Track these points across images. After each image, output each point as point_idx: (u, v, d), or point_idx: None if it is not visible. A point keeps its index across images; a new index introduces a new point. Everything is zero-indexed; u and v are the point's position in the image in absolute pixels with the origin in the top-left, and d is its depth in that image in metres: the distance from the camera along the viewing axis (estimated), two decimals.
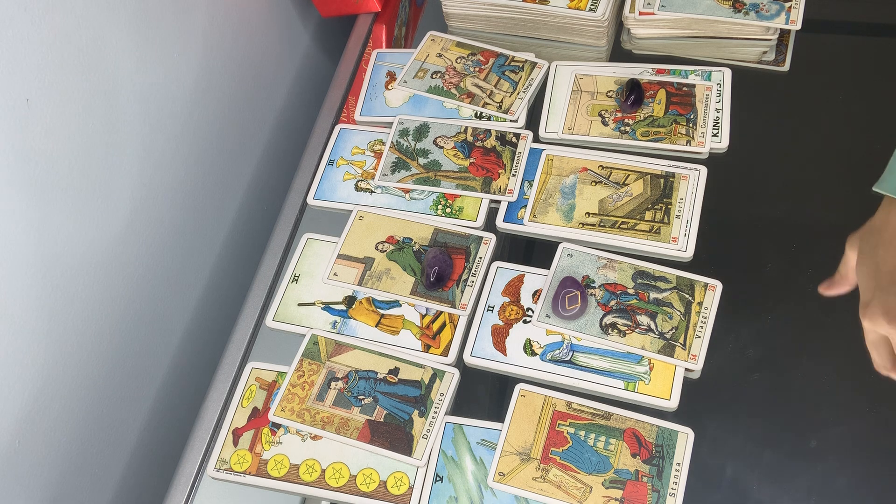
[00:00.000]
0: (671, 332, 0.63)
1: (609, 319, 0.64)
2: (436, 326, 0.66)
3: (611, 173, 0.72)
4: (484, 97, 0.78)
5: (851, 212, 0.68)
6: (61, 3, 0.61)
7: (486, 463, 0.60)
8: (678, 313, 0.64)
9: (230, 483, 0.62)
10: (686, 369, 0.62)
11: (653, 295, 0.65)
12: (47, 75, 0.60)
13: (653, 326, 0.63)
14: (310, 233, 0.73)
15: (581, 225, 0.69)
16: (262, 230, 0.82)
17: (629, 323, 0.64)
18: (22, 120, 0.58)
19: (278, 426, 0.63)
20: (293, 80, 0.96)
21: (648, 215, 0.69)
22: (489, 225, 0.71)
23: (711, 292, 0.65)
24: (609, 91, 0.77)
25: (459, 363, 0.65)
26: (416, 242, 0.70)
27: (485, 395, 0.65)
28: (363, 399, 0.63)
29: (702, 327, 0.63)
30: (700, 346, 0.62)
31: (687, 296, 0.64)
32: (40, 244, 0.62)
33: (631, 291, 0.65)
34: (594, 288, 0.65)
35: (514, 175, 0.73)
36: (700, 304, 0.64)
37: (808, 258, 0.68)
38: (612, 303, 0.65)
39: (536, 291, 0.67)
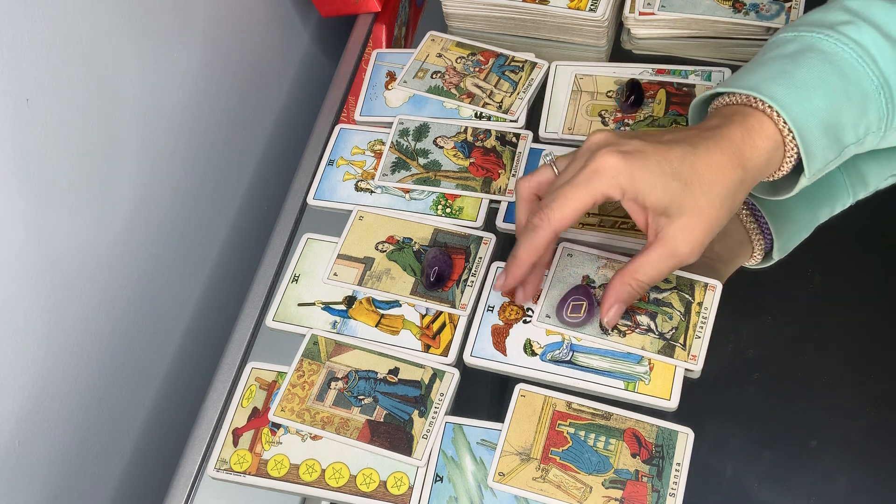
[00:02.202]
0: (671, 333, 0.63)
1: None
2: (436, 326, 0.66)
3: None
4: (484, 97, 0.78)
5: (851, 210, 0.68)
6: (61, 3, 0.61)
7: (486, 463, 0.60)
8: (678, 313, 0.64)
9: (230, 483, 0.62)
10: (686, 369, 0.62)
11: (653, 295, 0.65)
12: (47, 75, 0.60)
13: (653, 326, 0.63)
14: (310, 233, 0.73)
15: (581, 225, 0.69)
16: (262, 230, 0.82)
17: (629, 323, 0.64)
18: (22, 120, 0.58)
19: (278, 426, 0.63)
20: (293, 80, 0.96)
21: None
22: (489, 225, 0.72)
23: (711, 292, 0.64)
24: (609, 91, 0.77)
25: (459, 363, 0.65)
26: (416, 242, 0.70)
27: (485, 395, 0.65)
28: (363, 399, 0.63)
29: (702, 327, 0.63)
30: (700, 346, 0.62)
31: (687, 296, 0.64)
32: (40, 244, 0.62)
33: None
34: (594, 288, 0.65)
35: (514, 175, 0.73)
36: (700, 304, 0.64)
37: (808, 257, 0.68)
38: None
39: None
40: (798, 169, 0.62)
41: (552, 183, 0.61)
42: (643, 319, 0.64)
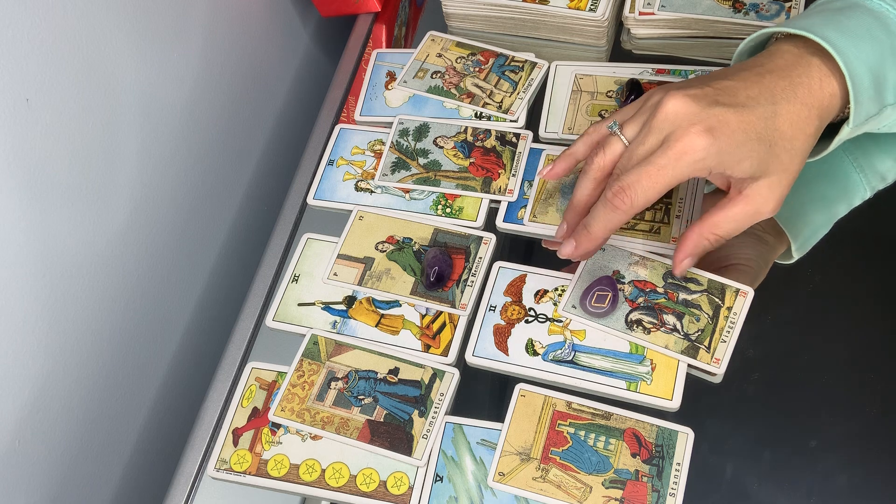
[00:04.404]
0: (697, 335, 0.63)
1: (635, 316, 0.64)
2: (436, 326, 0.66)
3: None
4: (484, 97, 0.78)
5: (850, 209, 0.68)
6: (61, 3, 0.61)
7: (486, 463, 0.60)
8: (706, 316, 0.63)
9: (230, 483, 0.62)
10: (708, 372, 0.61)
11: (682, 296, 0.64)
12: (47, 75, 0.60)
13: (678, 327, 0.63)
14: (310, 233, 0.73)
15: None
16: (262, 230, 0.82)
17: (655, 321, 0.63)
18: (22, 120, 0.58)
19: (278, 426, 0.63)
20: (293, 80, 0.96)
21: (648, 215, 0.69)
22: (489, 225, 0.71)
23: (742, 298, 0.64)
24: (609, 91, 0.77)
25: (460, 363, 0.65)
26: (416, 242, 0.70)
27: (485, 395, 0.65)
28: (363, 399, 0.63)
29: (728, 332, 0.62)
30: (725, 350, 0.62)
31: (717, 299, 0.64)
32: (40, 244, 0.62)
33: (660, 290, 0.65)
34: (623, 283, 0.65)
35: (514, 175, 0.73)
36: (729, 308, 0.63)
37: (809, 257, 0.68)
38: (640, 300, 0.64)
39: (538, 291, 0.67)
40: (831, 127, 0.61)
41: (624, 154, 0.60)
42: (670, 319, 0.63)
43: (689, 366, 0.62)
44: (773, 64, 0.59)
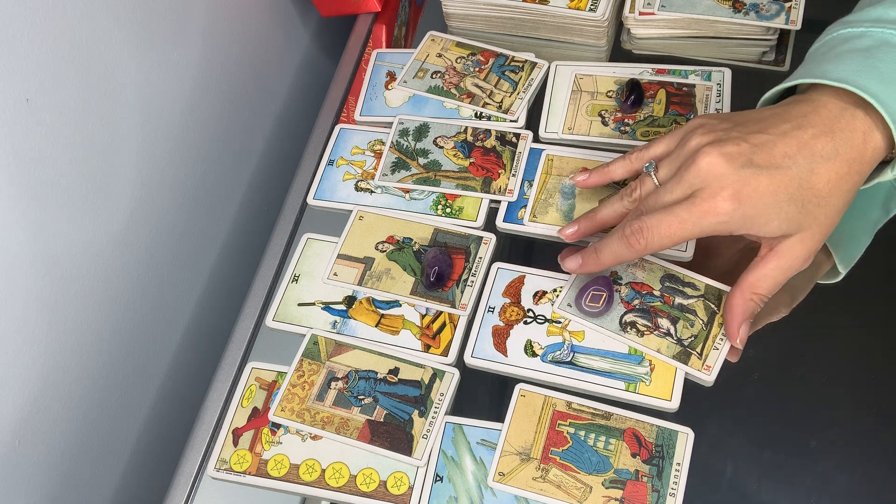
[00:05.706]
0: (689, 340, 0.63)
1: (629, 318, 0.64)
2: (436, 326, 0.66)
3: None
4: (484, 97, 0.78)
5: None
6: (61, 3, 0.61)
7: (486, 463, 0.60)
8: (700, 322, 0.63)
9: (230, 483, 0.62)
10: (698, 378, 0.61)
11: (678, 300, 0.64)
12: (47, 75, 0.60)
13: (672, 331, 0.63)
14: (310, 233, 0.73)
15: None
16: (262, 230, 0.82)
17: (649, 324, 0.63)
18: (22, 120, 0.58)
19: (278, 426, 0.63)
20: (293, 80, 0.96)
21: None
22: (489, 225, 0.71)
23: None
24: (609, 91, 0.77)
25: (459, 363, 0.65)
26: (416, 242, 0.70)
27: (485, 395, 0.65)
28: (363, 399, 0.63)
29: (721, 339, 0.62)
30: (717, 357, 0.62)
31: (713, 305, 0.64)
32: (40, 244, 0.62)
33: (657, 293, 0.65)
34: (620, 285, 0.65)
35: (514, 175, 0.73)
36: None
37: None
38: (636, 302, 0.64)
39: (537, 292, 0.67)
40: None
41: (652, 193, 0.61)
42: (664, 323, 0.63)
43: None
44: (817, 116, 0.58)
